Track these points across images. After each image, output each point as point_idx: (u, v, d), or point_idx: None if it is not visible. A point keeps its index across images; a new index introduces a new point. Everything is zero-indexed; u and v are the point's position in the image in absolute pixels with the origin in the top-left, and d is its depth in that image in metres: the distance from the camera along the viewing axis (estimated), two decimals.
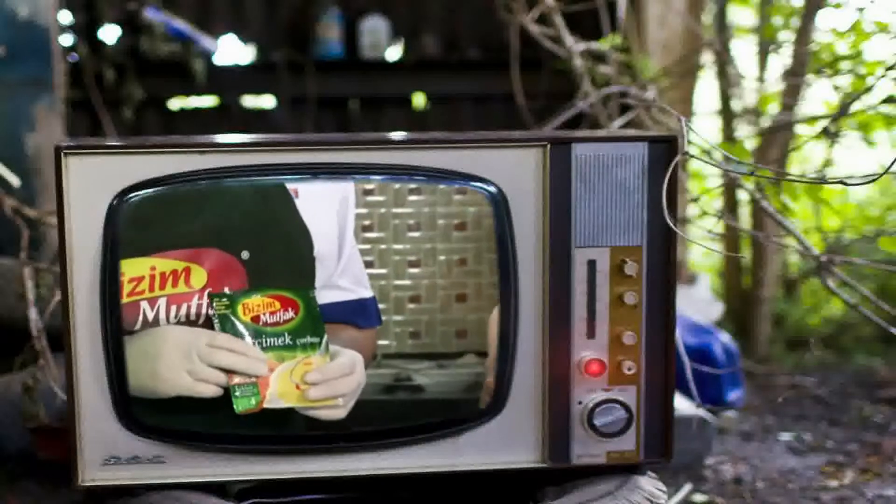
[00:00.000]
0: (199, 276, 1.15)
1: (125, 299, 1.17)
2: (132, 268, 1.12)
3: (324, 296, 1.15)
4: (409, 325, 1.27)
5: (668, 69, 4.14)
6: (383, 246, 1.20)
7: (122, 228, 1.18)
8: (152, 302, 1.16)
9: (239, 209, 1.16)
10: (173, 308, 1.13)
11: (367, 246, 1.19)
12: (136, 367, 1.27)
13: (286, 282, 1.16)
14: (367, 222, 1.19)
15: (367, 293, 1.17)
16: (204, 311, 1.17)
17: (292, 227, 1.15)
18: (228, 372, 1.39)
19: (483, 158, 2.07)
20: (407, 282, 1.26)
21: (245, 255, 1.17)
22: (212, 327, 1.24)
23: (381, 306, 1.24)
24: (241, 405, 1.43)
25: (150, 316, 1.22)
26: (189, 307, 1.15)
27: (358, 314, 1.21)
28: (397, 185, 1.27)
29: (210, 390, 1.33)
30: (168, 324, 1.09)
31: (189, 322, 1.16)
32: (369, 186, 1.20)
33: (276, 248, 1.17)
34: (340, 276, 1.18)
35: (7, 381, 3.15)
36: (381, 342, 1.21)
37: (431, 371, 1.29)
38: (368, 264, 1.19)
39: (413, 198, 1.24)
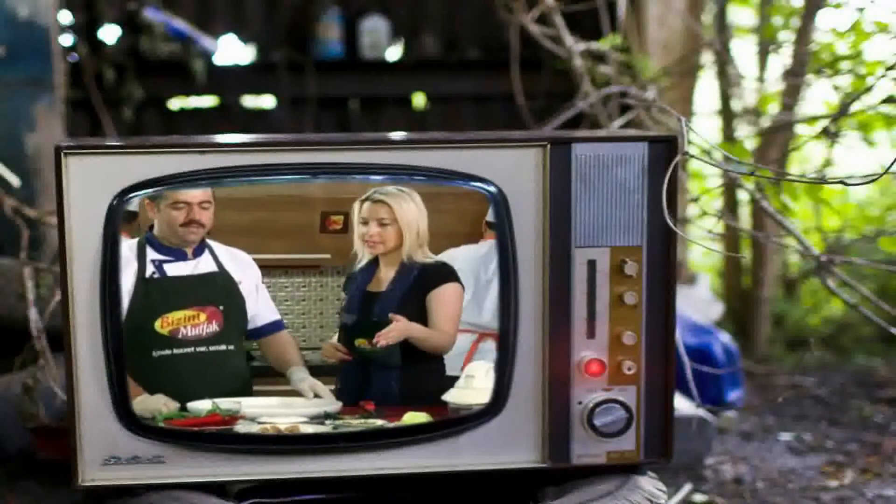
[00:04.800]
0: (203, 317, 2.04)
1: (176, 325, 2.03)
2: (178, 316, 2.02)
3: (264, 317, 2.09)
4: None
5: (668, 69, 4.14)
6: (291, 306, 2.12)
7: (169, 301, 2.05)
8: (185, 328, 2.02)
9: (219, 291, 2.05)
10: (194, 329, 2.03)
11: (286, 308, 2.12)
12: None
13: (237, 318, 2.07)
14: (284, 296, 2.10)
15: (278, 316, 2.08)
16: (205, 331, 2.05)
17: (236, 297, 2.05)
18: None
19: (483, 158, 2.07)
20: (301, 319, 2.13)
21: (221, 308, 2.04)
22: None
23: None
24: None
25: (184, 333, 2.03)
26: (198, 329, 2.04)
27: (280, 325, 2.09)
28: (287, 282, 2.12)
29: None
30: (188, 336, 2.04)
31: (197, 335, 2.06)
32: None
33: (232, 304, 2.06)
34: (261, 311, 2.07)
35: (7, 381, 3.15)
36: None
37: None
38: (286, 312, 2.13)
39: (302, 288, 2.11)
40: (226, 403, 2.06)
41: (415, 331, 2.08)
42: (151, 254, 2.03)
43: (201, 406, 2.05)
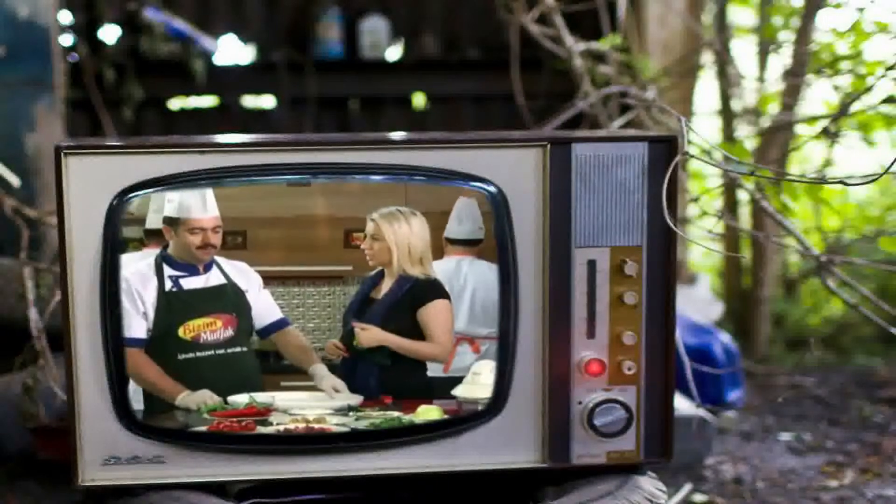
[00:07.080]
0: (220, 323, 2.19)
1: (197, 332, 2.18)
2: (199, 323, 2.18)
3: (268, 317, 2.23)
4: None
5: (668, 69, 4.14)
6: (318, 312, 2.25)
7: (189, 310, 2.20)
8: (205, 333, 2.18)
9: (230, 300, 2.20)
10: (212, 334, 2.18)
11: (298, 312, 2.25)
12: None
13: (246, 323, 2.23)
14: (280, 301, 2.23)
15: (281, 314, 2.22)
16: (222, 336, 2.20)
17: (245, 305, 2.20)
18: None
19: (483, 158, 2.07)
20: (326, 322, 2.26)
21: (234, 314, 2.20)
22: None
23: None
24: None
25: (204, 338, 2.17)
26: (216, 333, 2.18)
27: (285, 322, 2.22)
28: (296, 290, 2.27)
29: None
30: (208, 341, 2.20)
31: (216, 339, 2.21)
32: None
33: (242, 311, 2.21)
34: (264, 312, 2.22)
35: (7, 381, 3.15)
36: None
37: None
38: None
39: (328, 296, 2.24)
40: (261, 397, 2.17)
41: (391, 341, 2.19)
42: (168, 270, 2.15)
43: (240, 399, 2.15)
